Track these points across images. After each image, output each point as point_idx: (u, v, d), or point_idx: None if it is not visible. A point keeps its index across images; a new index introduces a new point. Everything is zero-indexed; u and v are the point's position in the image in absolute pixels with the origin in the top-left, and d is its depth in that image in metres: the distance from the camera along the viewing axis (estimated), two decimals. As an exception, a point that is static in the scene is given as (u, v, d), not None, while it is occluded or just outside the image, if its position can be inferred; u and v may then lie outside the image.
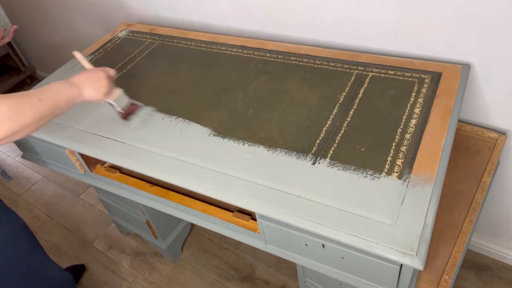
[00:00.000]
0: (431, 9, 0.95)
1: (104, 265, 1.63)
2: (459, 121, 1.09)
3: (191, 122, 0.99)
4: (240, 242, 0.92)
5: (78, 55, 0.97)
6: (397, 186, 0.75)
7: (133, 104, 1.02)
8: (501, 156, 1.04)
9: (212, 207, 0.96)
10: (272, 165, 0.84)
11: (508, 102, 1.00)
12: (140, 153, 0.93)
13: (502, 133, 1.04)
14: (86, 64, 0.96)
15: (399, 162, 0.79)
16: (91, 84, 0.88)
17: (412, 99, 0.92)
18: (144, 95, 1.11)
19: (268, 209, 0.76)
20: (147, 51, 1.31)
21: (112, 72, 0.94)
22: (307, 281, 1.09)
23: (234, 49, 1.23)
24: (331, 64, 1.08)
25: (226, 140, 0.92)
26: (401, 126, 0.86)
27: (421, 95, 0.93)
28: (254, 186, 0.80)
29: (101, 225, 1.78)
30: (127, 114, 1.00)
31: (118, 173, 1.09)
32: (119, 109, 0.99)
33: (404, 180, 0.76)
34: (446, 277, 0.80)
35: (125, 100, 1.00)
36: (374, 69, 1.03)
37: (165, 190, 1.02)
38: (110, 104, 0.98)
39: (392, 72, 1.01)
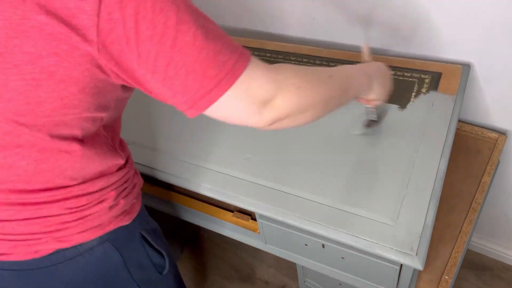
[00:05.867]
0: (431, 9, 0.94)
1: (104, 265, 1.63)
2: (459, 121, 1.09)
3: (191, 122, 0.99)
4: (240, 242, 0.92)
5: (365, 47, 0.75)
6: (397, 187, 0.75)
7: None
8: (501, 156, 1.04)
9: (212, 207, 0.96)
10: (272, 164, 0.84)
11: (508, 102, 0.99)
12: (139, 153, 0.93)
13: (502, 133, 1.04)
14: (367, 55, 0.73)
15: (399, 162, 0.79)
16: (381, 79, 0.68)
17: (412, 99, 0.92)
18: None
19: (268, 209, 0.76)
20: (147, 51, 1.31)
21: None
22: (307, 281, 1.09)
23: (234, 49, 1.23)
24: (331, 64, 1.08)
25: (225, 140, 0.92)
26: (401, 126, 0.86)
27: (421, 95, 0.93)
28: (254, 186, 0.80)
29: (101, 225, 1.78)
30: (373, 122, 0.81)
31: (118, 173, 1.09)
32: (374, 117, 0.78)
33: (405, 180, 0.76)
34: (446, 277, 0.80)
35: (383, 106, 0.78)
36: (374, 69, 1.03)
37: (165, 190, 1.02)
38: (368, 108, 0.75)
39: (392, 72, 1.01)
